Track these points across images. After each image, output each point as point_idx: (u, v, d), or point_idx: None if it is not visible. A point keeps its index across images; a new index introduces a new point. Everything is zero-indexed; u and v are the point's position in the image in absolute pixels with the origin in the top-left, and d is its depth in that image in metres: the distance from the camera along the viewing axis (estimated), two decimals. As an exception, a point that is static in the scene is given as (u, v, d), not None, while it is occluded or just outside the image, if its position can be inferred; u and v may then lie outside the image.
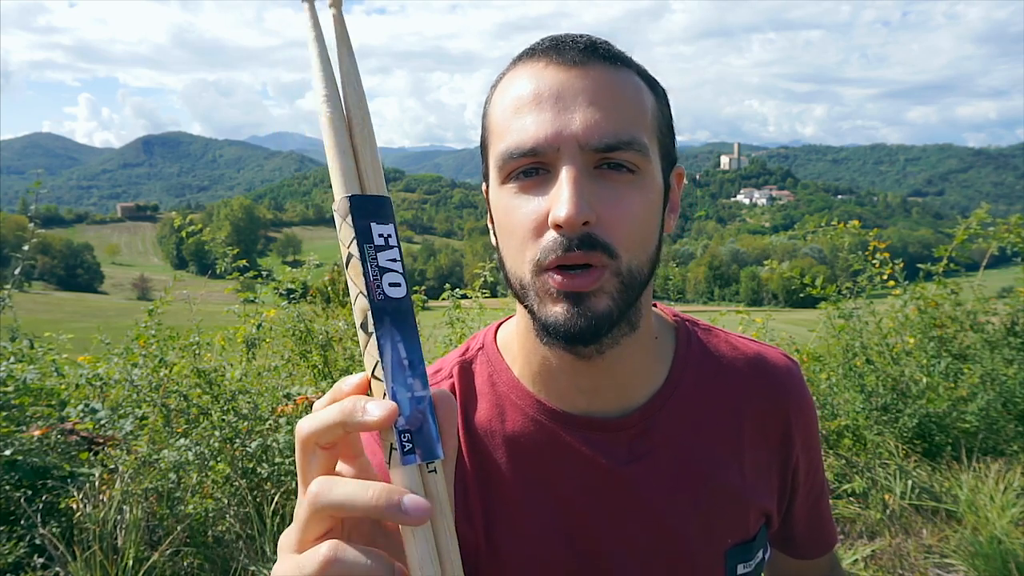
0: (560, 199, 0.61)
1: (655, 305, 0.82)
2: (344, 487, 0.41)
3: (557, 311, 0.64)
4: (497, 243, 0.71)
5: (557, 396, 0.75)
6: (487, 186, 0.74)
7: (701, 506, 0.75)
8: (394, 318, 0.44)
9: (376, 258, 0.44)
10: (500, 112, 0.68)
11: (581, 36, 0.68)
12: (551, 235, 0.63)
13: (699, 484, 0.76)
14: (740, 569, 0.78)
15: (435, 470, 0.44)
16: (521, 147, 0.64)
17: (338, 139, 0.46)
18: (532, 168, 0.65)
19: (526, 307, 0.68)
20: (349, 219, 0.45)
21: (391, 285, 0.45)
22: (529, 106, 0.65)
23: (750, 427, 0.79)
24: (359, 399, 0.42)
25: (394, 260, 0.45)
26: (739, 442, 0.79)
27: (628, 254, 0.64)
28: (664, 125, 0.70)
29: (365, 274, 0.44)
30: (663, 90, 0.72)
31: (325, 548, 0.40)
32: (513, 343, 0.78)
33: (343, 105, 0.48)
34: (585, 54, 0.66)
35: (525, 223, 0.65)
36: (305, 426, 0.43)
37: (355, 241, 0.45)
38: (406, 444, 0.43)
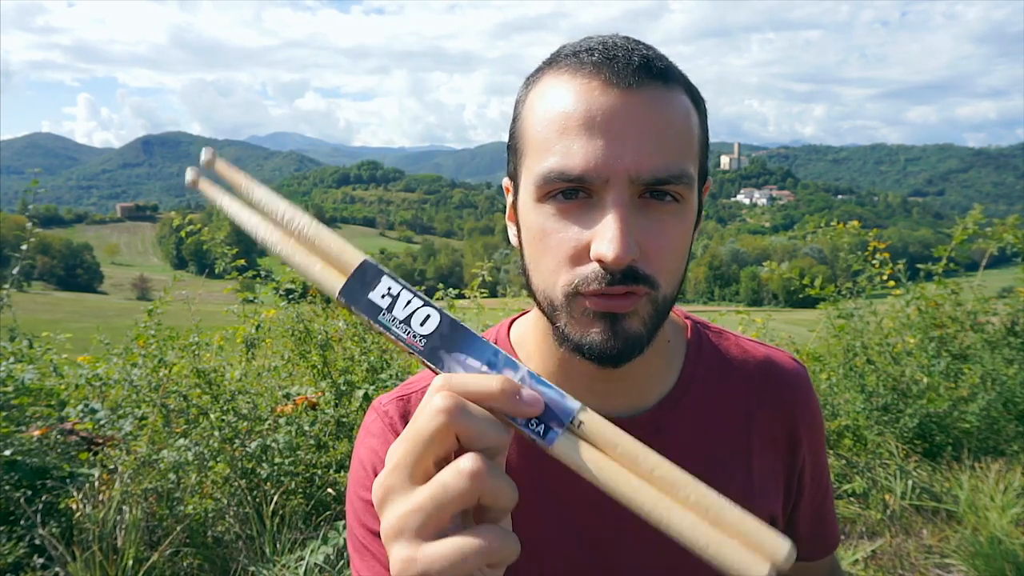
0: (607, 237, 0.60)
1: None
2: (479, 409, 0.42)
3: (593, 333, 0.64)
4: (523, 254, 0.70)
5: (571, 395, 0.75)
6: (514, 190, 0.72)
7: None
8: (446, 344, 0.45)
9: (394, 316, 0.45)
10: (542, 123, 0.65)
11: (633, 49, 0.64)
12: (593, 266, 0.62)
13: (708, 486, 0.76)
14: None
15: (582, 422, 0.44)
16: (567, 173, 0.62)
17: (296, 259, 0.49)
18: (573, 191, 0.63)
19: (555, 326, 0.67)
20: (353, 308, 0.46)
21: (422, 323, 0.45)
22: (579, 128, 0.62)
23: (759, 430, 0.80)
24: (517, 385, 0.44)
25: (408, 302, 0.45)
26: (747, 444, 0.79)
27: (666, 284, 0.65)
28: (704, 144, 0.69)
29: (398, 338, 0.45)
30: (704, 102, 0.70)
31: (467, 465, 0.40)
32: (528, 341, 0.78)
33: (275, 226, 0.50)
34: (639, 74, 0.62)
35: (563, 248, 0.63)
36: (456, 389, 0.43)
37: (370, 320, 0.46)
38: (538, 428, 0.44)
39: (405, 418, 0.76)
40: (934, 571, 2.90)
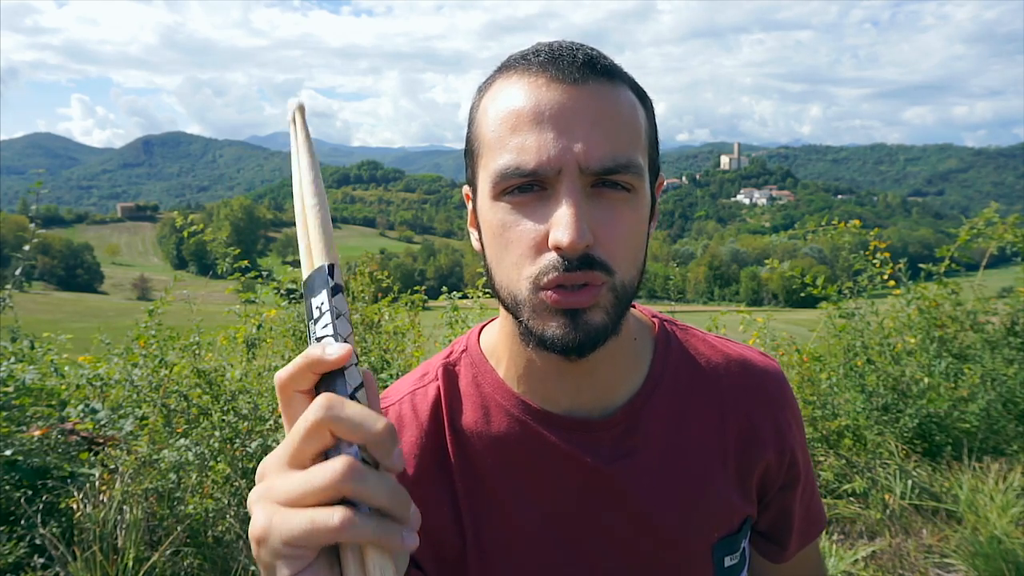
0: (562, 223, 0.62)
1: (633, 306, 0.84)
2: (356, 408, 0.43)
3: (554, 327, 0.65)
4: (485, 254, 0.72)
5: (541, 396, 0.76)
6: (473, 194, 0.74)
7: (687, 502, 0.77)
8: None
9: (314, 331, 0.47)
10: (495, 124, 0.67)
11: (577, 49, 0.67)
12: (551, 255, 0.64)
13: (684, 480, 0.77)
14: (727, 562, 0.80)
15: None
16: (522, 168, 0.64)
17: (298, 231, 0.52)
18: (528, 185, 0.65)
19: (519, 321, 0.69)
20: (304, 302, 0.50)
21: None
22: (529, 124, 0.64)
23: (731, 423, 0.81)
24: (321, 344, 0.45)
25: (325, 326, 0.47)
26: (723, 441, 0.80)
27: (623, 270, 0.66)
28: (652, 139, 0.71)
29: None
30: (650, 101, 0.73)
31: (341, 463, 0.42)
32: (498, 345, 0.79)
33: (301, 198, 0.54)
34: (584, 70, 0.65)
35: (522, 241, 0.65)
36: (281, 375, 0.46)
37: (307, 319, 0.49)
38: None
39: None
40: (934, 571, 2.90)
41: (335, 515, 0.41)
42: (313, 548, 0.42)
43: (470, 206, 0.75)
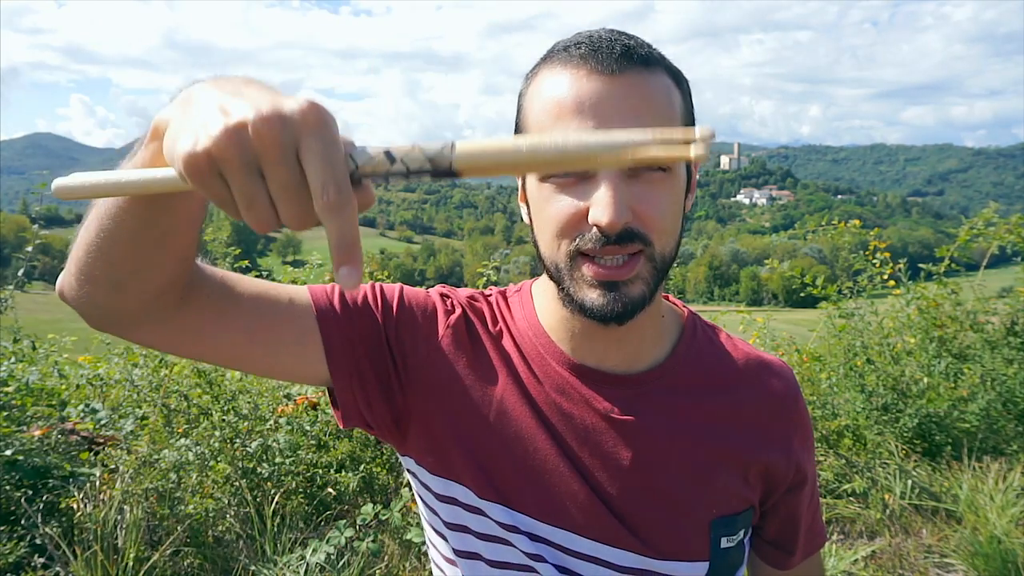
0: (601, 203, 0.68)
1: (666, 297, 0.89)
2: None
3: (594, 297, 0.72)
4: (532, 226, 0.79)
5: (571, 349, 0.82)
6: (523, 175, 0.80)
7: (687, 471, 0.80)
8: None
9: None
10: (540, 111, 0.73)
11: (615, 40, 0.72)
12: (592, 230, 0.70)
13: (692, 451, 0.81)
14: (723, 543, 0.82)
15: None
16: None
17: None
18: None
19: (561, 288, 0.75)
20: None
21: None
22: (571, 113, 0.70)
23: (742, 416, 0.84)
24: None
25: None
26: (731, 425, 0.83)
27: (660, 242, 0.72)
28: (689, 118, 0.76)
29: None
30: (686, 81, 0.77)
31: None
32: (542, 296, 0.86)
33: None
34: (621, 61, 0.70)
35: (563, 216, 0.71)
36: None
37: None
38: None
39: (446, 303, 0.86)
40: (934, 571, 2.90)
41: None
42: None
43: (519, 183, 0.82)
